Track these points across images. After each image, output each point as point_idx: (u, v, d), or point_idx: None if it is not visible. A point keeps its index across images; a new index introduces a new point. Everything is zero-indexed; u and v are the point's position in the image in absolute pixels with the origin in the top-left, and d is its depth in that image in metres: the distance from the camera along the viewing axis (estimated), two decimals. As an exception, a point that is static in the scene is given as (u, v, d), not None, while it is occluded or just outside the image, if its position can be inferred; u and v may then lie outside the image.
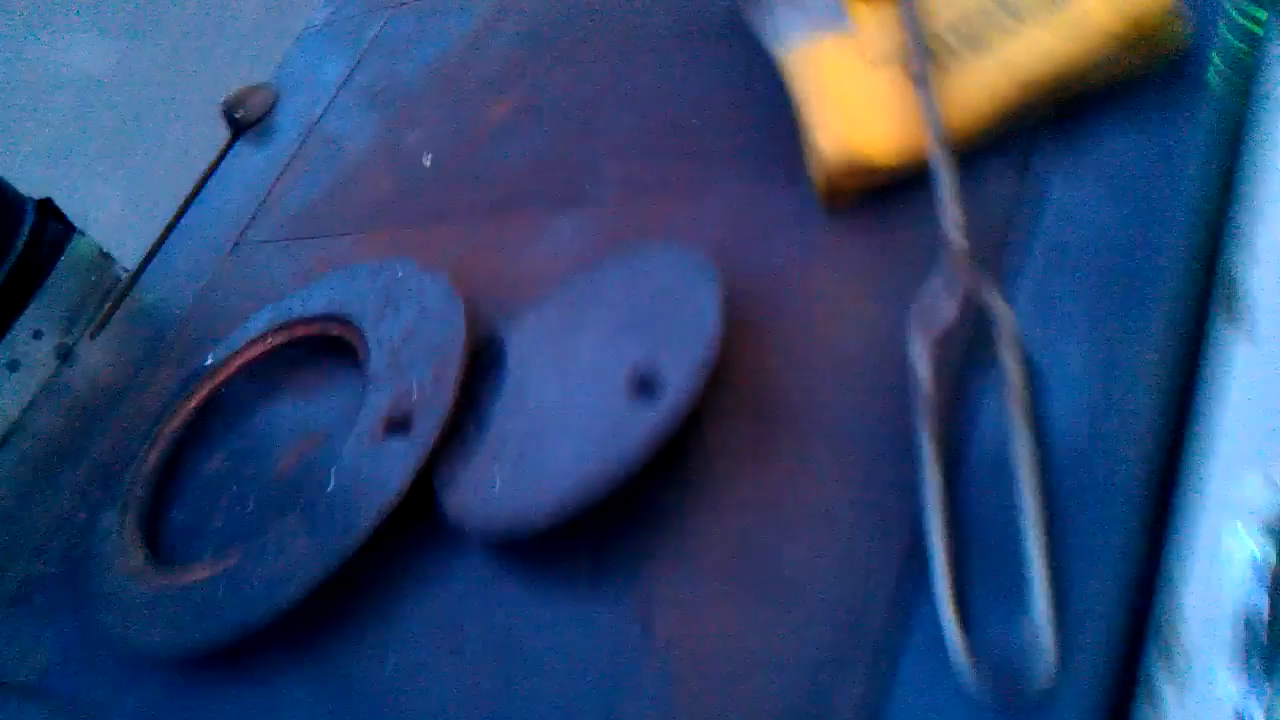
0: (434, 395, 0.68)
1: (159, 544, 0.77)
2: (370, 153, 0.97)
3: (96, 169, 3.12)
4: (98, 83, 3.30)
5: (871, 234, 0.65)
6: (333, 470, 0.69)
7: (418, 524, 0.65)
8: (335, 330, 0.79)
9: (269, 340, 0.82)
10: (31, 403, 1.00)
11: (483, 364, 0.70)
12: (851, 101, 0.65)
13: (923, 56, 0.64)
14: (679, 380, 0.59)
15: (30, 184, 1.07)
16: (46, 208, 1.05)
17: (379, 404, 0.71)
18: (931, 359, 0.55)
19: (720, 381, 0.60)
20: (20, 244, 1.01)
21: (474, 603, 0.62)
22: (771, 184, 0.70)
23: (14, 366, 1.00)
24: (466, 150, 0.90)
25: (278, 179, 1.01)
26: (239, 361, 0.82)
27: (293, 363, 0.83)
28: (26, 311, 1.01)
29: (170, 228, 1.07)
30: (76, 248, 1.06)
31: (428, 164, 0.90)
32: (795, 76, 0.68)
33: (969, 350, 0.56)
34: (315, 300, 0.82)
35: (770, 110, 0.71)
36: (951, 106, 0.63)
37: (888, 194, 0.65)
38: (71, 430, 0.94)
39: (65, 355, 1.03)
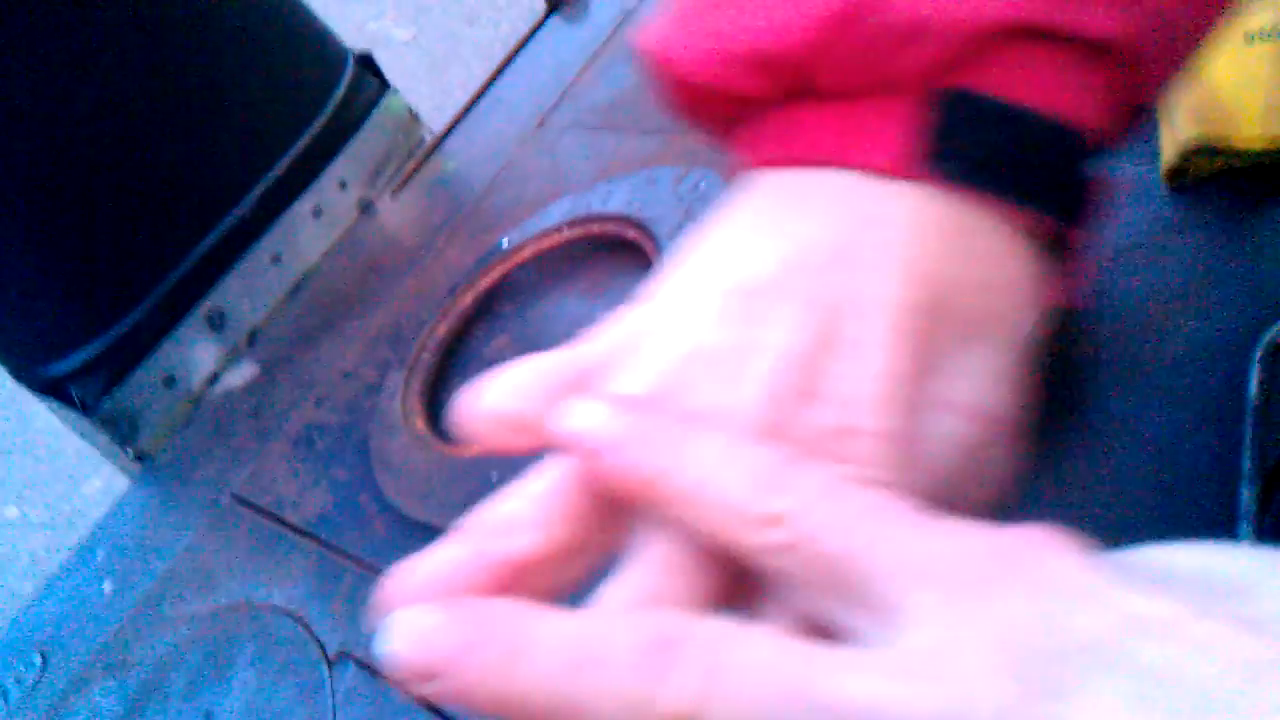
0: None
1: (438, 414, 0.80)
2: (684, 50, 0.95)
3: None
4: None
5: (1221, 215, 0.60)
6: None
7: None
8: (631, 234, 0.79)
9: (564, 232, 0.83)
10: (330, 251, 1.04)
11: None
12: (1218, 78, 0.60)
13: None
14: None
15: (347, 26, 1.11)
16: (365, 62, 1.08)
17: (669, 317, 0.70)
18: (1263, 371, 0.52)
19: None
20: (338, 95, 1.05)
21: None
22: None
23: (318, 213, 1.05)
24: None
25: (588, 64, 1.01)
26: (533, 249, 0.84)
27: (584, 258, 0.83)
28: (335, 161, 1.05)
29: (477, 97, 1.09)
30: (389, 104, 1.09)
31: (742, 72, 0.89)
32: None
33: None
34: (615, 198, 0.82)
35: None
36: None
37: (1240, 174, 0.60)
38: (364, 285, 0.98)
39: (365, 208, 1.06)
